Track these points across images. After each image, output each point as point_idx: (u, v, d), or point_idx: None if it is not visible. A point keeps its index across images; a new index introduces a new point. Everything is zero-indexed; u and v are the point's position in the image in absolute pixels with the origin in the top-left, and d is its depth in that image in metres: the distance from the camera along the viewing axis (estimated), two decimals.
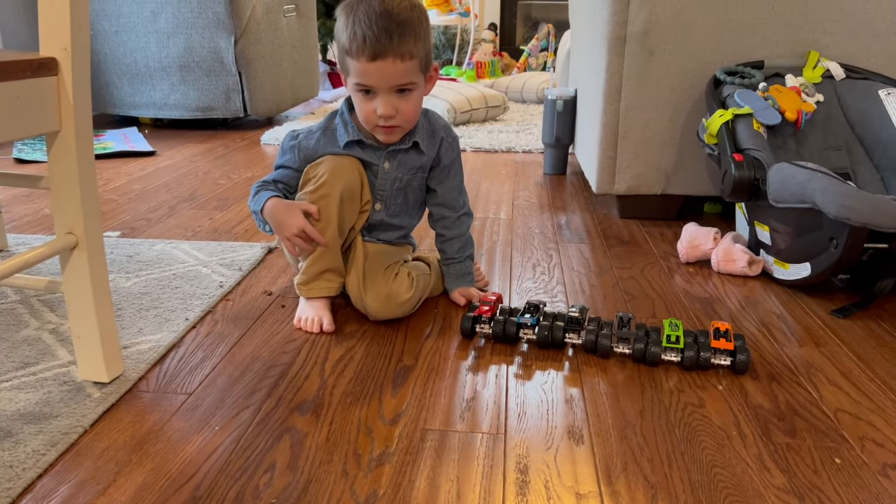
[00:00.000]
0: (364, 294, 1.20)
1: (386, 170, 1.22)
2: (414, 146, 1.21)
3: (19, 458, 0.84)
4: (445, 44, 5.40)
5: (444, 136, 1.25)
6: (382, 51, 1.06)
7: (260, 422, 0.93)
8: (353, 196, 1.20)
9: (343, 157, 1.20)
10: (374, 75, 1.09)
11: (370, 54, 1.07)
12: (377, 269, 1.22)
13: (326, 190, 1.16)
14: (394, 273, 1.22)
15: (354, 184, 1.19)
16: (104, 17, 2.88)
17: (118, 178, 2.23)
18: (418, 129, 1.21)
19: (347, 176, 1.18)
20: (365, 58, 1.07)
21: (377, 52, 1.06)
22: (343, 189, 1.17)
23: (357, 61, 1.08)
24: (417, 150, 1.22)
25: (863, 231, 1.18)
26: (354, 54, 1.08)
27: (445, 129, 1.26)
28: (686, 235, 1.55)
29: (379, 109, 1.11)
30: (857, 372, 1.08)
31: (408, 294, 1.21)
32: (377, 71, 1.08)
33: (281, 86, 3.12)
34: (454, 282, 1.32)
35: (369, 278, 1.21)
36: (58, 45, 0.88)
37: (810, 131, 1.58)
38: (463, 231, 1.32)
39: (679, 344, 1.08)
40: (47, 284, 1.01)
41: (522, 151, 2.70)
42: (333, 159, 1.19)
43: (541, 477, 0.83)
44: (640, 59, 1.68)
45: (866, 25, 1.63)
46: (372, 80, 1.10)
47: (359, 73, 1.09)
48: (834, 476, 0.84)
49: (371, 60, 1.07)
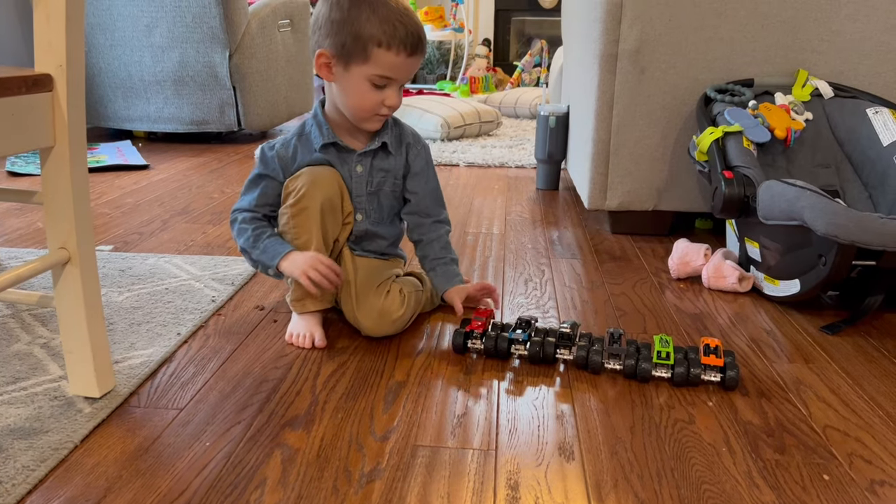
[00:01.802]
0: (357, 311, 1.20)
1: (359, 173, 1.23)
2: (383, 147, 1.23)
3: (9, 474, 0.83)
4: (439, 59, 5.43)
5: (412, 143, 1.26)
6: (421, 47, 1.13)
7: (251, 437, 0.93)
8: (333, 208, 1.20)
9: (322, 169, 1.20)
10: (405, 69, 1.13)
11: (412, 49, 1.11)
12: (369, 285, 1.23)
13: (306, 203, 1.17)
14: (385, 290, 1.23)
15: (334, 195, 1.20)
16: (99, 31, 2.89)
17: (111, 192, 2.23)
18: (386, 132, 1.23)
19: (326, 187, 1.18)
20: (406, 52, 1.11)
21: (417, 47, 1.12)
22: (323, 201, 1.17)
23: (395, 55, 1.11)
24: (386, 152, 1.23)
25: (851, 248, 1.19)
26: (392, 46, 1.10)
27: (413, 136, 1.28)
28: (677, 251, 1.56)
29: (392, 100, 1.15)
30: (846, 388, 1.09)
31: (399, 311, 1.21)
32: (411, 65, 1.14)
33: (275, 100, 3.13)
34: (445, 282, 1.28)
35: (361, 295, 1.21)
36: (53, 62, 0.89)
37: (799, 149, 1.59)
38: (441, 234, 1.30)
39: (669, 360, 1.08)
40: (39, 299, 1.01)
41: (515, 167, 2.71)
42: (311, 171, 1.19)
43: (531, 493, 0.83)
44: (632, 77, 1.69)
45: (854, 45, 1.65)
46: (400, 73, 1.13)
47: (389, 65, 1.11)
48: (822, 493, 0.84)
49: (411, 55, 1.12)
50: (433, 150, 2.83)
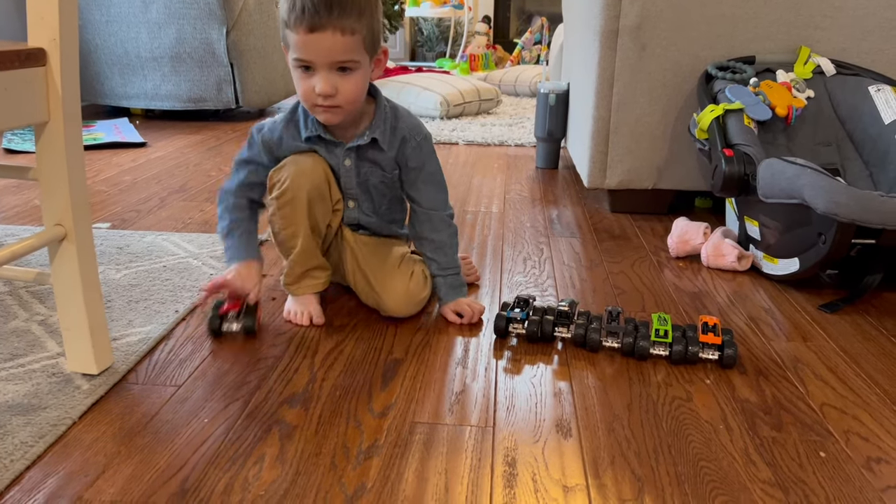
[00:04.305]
0: (381, 292, 1.19)
1: (347, 167, 1.19)
2: (373, 142, 1.17)
3: (7, 450, 0.84)
4: (439, 36, 5.39)
5: (408, 137, 1.18)
6: (321, 22, 1.01)
7: (249, 414, 0.93)
8: (322, 195, 1.17)
9: (306, 156, 1.17)
10: (312, 49, 1.04)
11: (308, 25, 1.01)
12: (389, 265, 1.21)
13: (292, 194, 1.14)
14: (409, 271, 1.21)
15: (321, 182, 1.17)
16: (95, 7, 2.86)
17: (109, 170, 2.22)
18: (378, 125, 1.16)
19: (312, 176, 1.15)
20: (303, 29, 1.02)
21: (315, 23, 1.01)
22: (310, 189, 1.14)
23: (295, 33, 1.03)
24: (377, 147, 1.17)
25: (850, 227, 1.19)
26: (293, 25, 1.03)
27: (411, 129, 1.19)
28: (676, 230, 1.55)
29: (317, 87, 1.05)
30: (844, 367, 1.09)
31: (424, 292, 1.21)
32: (315, 44, 1.03)
33: (273, 77, 3.11)
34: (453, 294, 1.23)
35: (384, 276, 1.20)
36: (46, 36, 0.87)
37: (800, 127, 1.58)
38: (453, 242, 1.25)
39: (667, 338, 1.08)
40: (36, 276, 1.01)
41: (515, 145, 2.70)
42: (296, 160, 1.16)
43: (528, 470, 0.84)
44: (633, 54, 1.68)
45: (857, 22, 1.64)
46: (310, 55, 1.04)
47: (297, 46, 1.04)
48: (819, 469, 0.85)
49: (309, 32, 1.02)
50: (432, 128, 2.82)
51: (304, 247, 1.18)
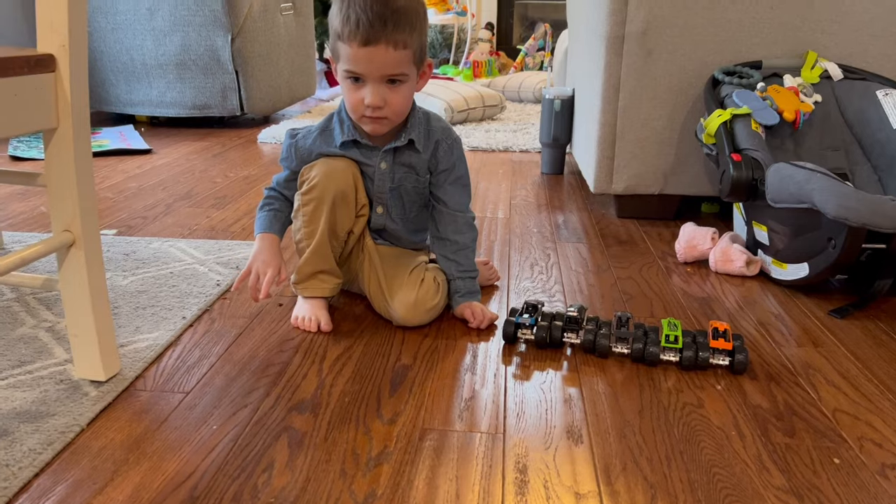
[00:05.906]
0: (391, 300, 1.19)
1: (383, 170, 1.20)
2: (409, 144, 1.19)
3: (15, 457, 0.83)
4: (442, 43, 5.39)
5: (441, 139, 1.21)
6: (375, 36, 1.04)
7: (258, 421, 0.92)
8: (346, 200, 1.18)
9: (337, 160, 1.19)
10: (365, 62, 1.06)
11: (363, 39, 1.04)
12: (401, 274, 1.21)
13: (317, 193, 1.16)
14: (419, 279, 1.20)
15: (347, 187, 1.18)
16: (101, 15, 2.87)
17: (114, 176, 2.22)
18: (414, 127, 1.18)
19: (339, 179, 1.17)
20: (357, 42, 1.04)
21: (370, 37, 1.04)
22: (335, 192, 1.16)
23: (349, 46, 1.06)
24: (413, 149, 1.19)
25: (861, 231, 1.18)
26: (346, 38, 1.05)
27: (444, 131, 1.22)
28: (684, 235, 1.55)
29: (367, 98, 1.08)
30: (855, 372, 1.08)
31: (435, 300, 1.20)
32: (368, 57, 1.06)
33: (278, 84, 3.11)
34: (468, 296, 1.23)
35: (395, 284, 1.19)
36: (55, 42, 0.87)
37: (808, 131, 1.58)
38: (472, 246, 1.26)
39: (678, 344, 1.08)
40: (44, 282, 1.00)
41: (520, 151, 2.70)
42: (327, 162, 1.18)
43: (540, 476, 0.83)
44: (639, 59, 1.68)
45: (865, 26, 1.63)
46: (362, 67, 1.07)
47: (349, 58, 1.07)
48: (833, 476, 0.84)
49: (363, 45, 1.04)
50: None
51: (318, 247, 1.18)
